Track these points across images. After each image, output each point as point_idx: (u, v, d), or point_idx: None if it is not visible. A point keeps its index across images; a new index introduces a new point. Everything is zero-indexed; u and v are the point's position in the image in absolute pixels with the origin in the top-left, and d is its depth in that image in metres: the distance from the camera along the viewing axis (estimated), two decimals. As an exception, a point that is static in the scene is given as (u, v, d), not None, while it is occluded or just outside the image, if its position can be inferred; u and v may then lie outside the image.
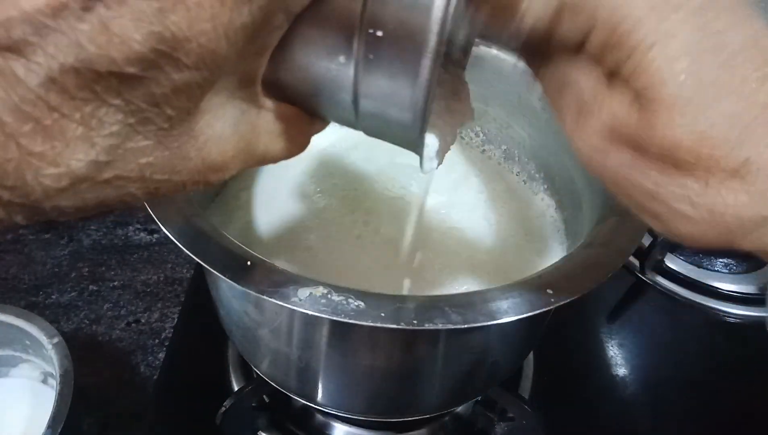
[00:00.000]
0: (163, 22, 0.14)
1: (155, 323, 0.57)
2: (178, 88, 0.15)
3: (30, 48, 0.13)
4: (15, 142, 0.14)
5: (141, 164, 0.16)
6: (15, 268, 0.62)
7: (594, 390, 0.54)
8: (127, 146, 0.16)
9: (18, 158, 0.14)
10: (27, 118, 0.14)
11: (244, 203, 0.47)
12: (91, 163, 0.15)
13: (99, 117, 0.15)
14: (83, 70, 0.14)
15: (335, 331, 0.33)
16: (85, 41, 0.14)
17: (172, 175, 0.17)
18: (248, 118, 0.19)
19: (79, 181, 0.16)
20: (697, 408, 0.54)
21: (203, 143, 0.18)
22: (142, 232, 0.66)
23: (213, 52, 0.15)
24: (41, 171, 0.15)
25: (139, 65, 0.14)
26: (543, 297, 0.29)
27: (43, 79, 0.14)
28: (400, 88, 0.19)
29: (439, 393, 0.39)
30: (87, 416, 0.49)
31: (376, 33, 0.17)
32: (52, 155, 0.15)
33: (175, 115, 0.16)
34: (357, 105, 0.20)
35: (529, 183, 0.51)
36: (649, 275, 0.63)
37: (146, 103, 0.15)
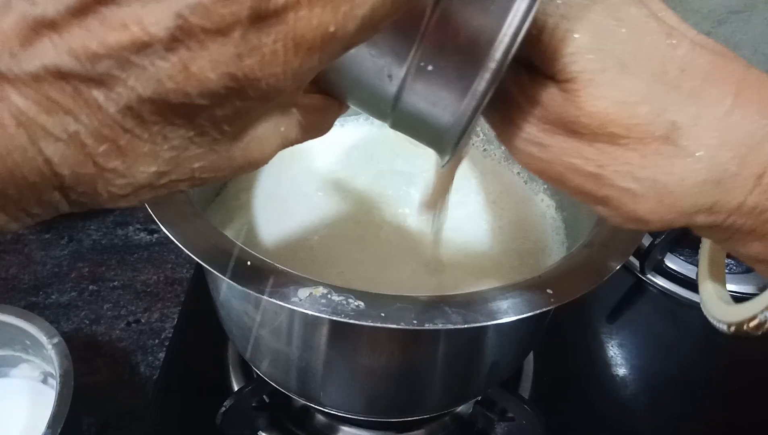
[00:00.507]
0: (239, 65, 0.15)
1: (155, 323, 0.57)
2: (240, 112, 0.17)
3: (112, 80, 0.14)
4: (92, 160, 0.16)
5: (193, 168, 0.18)
6: (15, 268, 0.62)
7: (594, 390, 0.54)
8: (184, 156, 0.17)
9: (94, 173, 0.16)
10: (104, 139, 0.15)
11: (244, 203, 0.47)
12: (153, 174, 0.17)
13: (164, 134, 0.16)
14: (158, 100, 0.15)
15: (335, 331, 0.33)
16: (164, 78, 0.15)
17: (218, 172, 0.19)
18: (288, 117, 0.20)
19: (141, 187, 0.17)
20: (697, 408, 0.54)
21: (247, 144, 0.19)
22: (142, 232, 0.66)
23: (278, 90, 0.16)
24: (111, 182, 0.16)
25: (209, 99, 0.16)
26: (543, 297, 0.29)
27: (121, 108, 0.15)
28: (451, 101, 0.19)
29: (439, 393, 0.39)
30: (87, 416, 0.49)
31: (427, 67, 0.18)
32: (122, 169, 0.16)
33: (231, 130, 0.18)
34: (398, 102, 0.20)
35: (530, 183, 0.51)
36: (649, 275, 0.63)
37: (208, 122, 0.17)
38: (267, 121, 0.19)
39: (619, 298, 0.62)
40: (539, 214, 0.49)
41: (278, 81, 0.16)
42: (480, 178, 0.52)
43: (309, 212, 0.47)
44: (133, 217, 0.67)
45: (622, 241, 0.32)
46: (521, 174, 0.52)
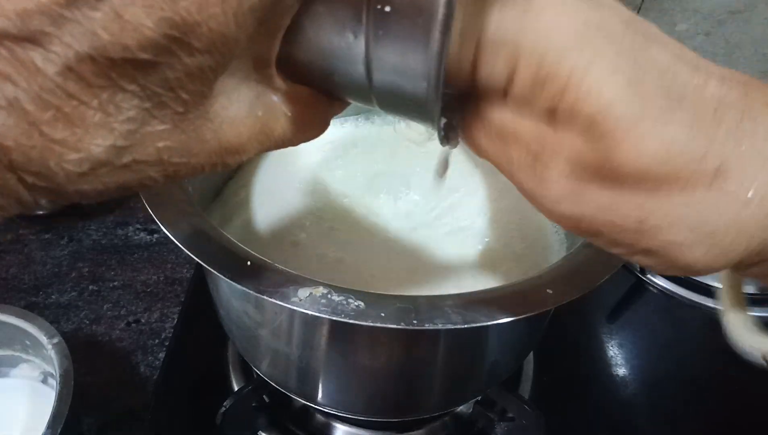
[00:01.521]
0: (174, 8, 0.14)
1: (155, 323, 0.57)
2: (191, 72, 0.16)
3: (47, 38, 0.14)
4: (38, 129, 0.15)
5: (159, 148, 0.17)
6: (15, 268, 0.62)
7: (594, 390, 0.54)
8: (144, 131, 0.16)
9: (41, 145, 0.15)
10: (47, 106, 0.15)
11: (244, 201, 0.47)
12: (110, 148, 0.16)
13: (116, 103, 0.15)
14: (98, 57, 0.14)
15: (335, 331, 0.33)
16: (98, 29, 0.14)
17: (190, 157, 0.18)
18: (264, 100, 0.20)
19: (99, 165, 0.16)
20: (697, 408, 0.54)
21: (219, 125, 0.18)
22: (142, 232, 0.66)
23: (223, 35, 0.16)
24: (63, 156, 0.15)
25: (152, 51, 0.15)
26: (543, 297, 0.29)
27: (60, 68, 0.14)
28: (412, 60, 0.18)
29: (439, 393, 0.39)
30: (87, 416, 0.49)
31: (384, 8, 0.17)
32: (73, 141, 0.15)
33: (190, 99, 0.17)
34: (371, 80, 0.19)
35: (529, 183, 0.51)
36: (649, 275, 0.63)
37: (161, 88, 0.16)
38: (237, 100, 0.18)
39: (619, 298, 0.62)
40: (539, 214, 0.49)
41: (219, 23, 0.15)
42: (480, 177, 0.52)
43: (308, 210, 0.47)
44: (133, 217, 0.67)
45: (622, 241, 0.32)
46: (521, 174, 0.52)
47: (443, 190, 0.50)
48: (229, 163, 0.19)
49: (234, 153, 0.19)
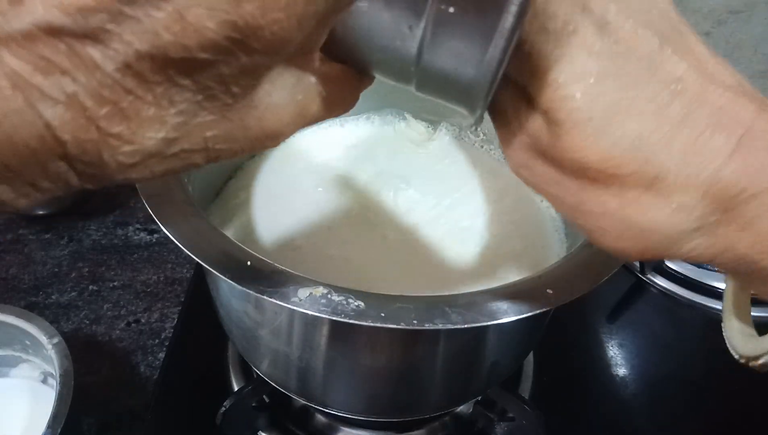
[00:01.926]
0: (238, 11, 0.14)
1: (155, 323, 0.57)
2: (246, 69, 0.16)
3: (107, 35, 0.14)
4: (95, 124, 0.15)
5: (206, 137, 0.17)
6: (15, 268, 0.62)
7: (594, 390, 0.54)
8: (194, 122, 0.17)
9: (97, 139, 0.15)
10: (105, 101, 0.15)
11: (244, 201, 0.47)
12: (161, 140, 0.16)
13: (170, 97, 0.16)
14: (158, 56, 0.14)
15: (335, 331, 0.33)
16: (160, 29, 0.14)
17: (233, 143, 0.18)
18: (303, 84, 0.20)
19: (150, 156, 0.16)
20: (697, 408, 0.54)
21: (262, 112, 0.18)
22: (142, 232, 0.66)
23: (283, 39, 0.16)
24: (117, 149, 0.16)
25: (211, 52, 0.15)
26: (543, 297, 0.29)
27: (119, 65, 0.14)
28: (476, 45, 0.17)
29: (439, 393, 0.39)
30: (87, 416, 0.49)
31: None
32: (127, 135, 0.16)
33: (240, 92, 0.17)
34: (420, 59, 0.19)
35: (529, 183, 0.51)
36: (649, 275, 0.63)
37: (214, 82, 0.16)
38: (281, 86, 0.19)
39: (619, 298, 0.62)
40: (539, 213, 0.49)
41: (282, 28, 0.15)
42: (480, 177, 0.52)
43: (309, 210, 0.47)
44: (133, 217, 0.67)
45: (622, 241, 0.32)
46: (521, 174, 0.52)
47: (443, 192, 0.50)
48: (267, 146, 0.20)
49: (274, 137, 0.20)
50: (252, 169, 0.51)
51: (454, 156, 0.53)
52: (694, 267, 0.63)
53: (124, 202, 0.69)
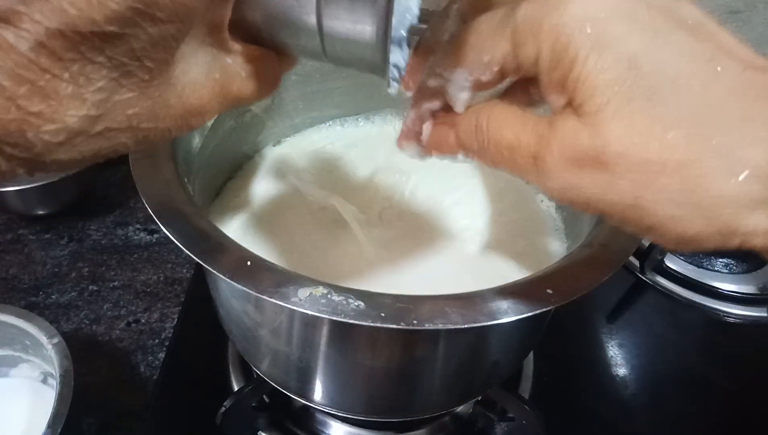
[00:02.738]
0: None
1: (155, 323, 0.57)
2: (155, 41, 0.17)
3: (17, 16, 0.15)
4: (15, 103, 0.16)
5: (128, 115, 0.18)
6: (15, 268, 0.62)
7: (594, 390, 0.54)
8: (114, 99, 0.17)
9: (19, 119, 0.16)
10: (23, 81, 0.15)
11: (244, 202, 0.47)
12: (84, 118, 0.17)
13: (86, 74, 0.16)
14: (68, 32, 0.15)
15: (335, 331, 0.33)
16: (66, 5, 0.15)
17: (157, 122, 0.19)
18: (219, 62, 0.21)
19: (74, 134, 0.17)
20: (697, 408, 0.54)
21: (181, 90, 0.19)
22: (142, 232, 0.66)
23: (184, 5, 0.17)
24: (40, 128, 0.16)
25: (118, 23, 0.16)
26: (543, 297, 0.28)
27: (32, 44, 0.15)
28: (362, 6, 0.19)
29: (439, 393, 0.39)
30: (87, 416, 0.49)
31: None
32: (48, 113, 0.16)
33: (154, 67, 0.18)
34: (321, 29, 0.21)
35: (530, 183, 0.51)
36: (649, 275, 0.63)
37: (128, 58, 0.17)
38: (195, 64, 0.20)
39: (619, 298, 0.62)
40: (539, 214, 0.49)
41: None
42: (480, 177, 0.52)
43: (309, 210, 0.47)
44: (133, 217, 0.67)
45: (622, 241, 0.32)
46: (521, 174, 0.52)
47: (444, 192, 0.50)
48: (193, 124, 0.21)
49: (197, 114, 0.21)
50: (252, 169, 0.51)
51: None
52: (694, 267, 0.63)
53: (124, 202, 0.69)
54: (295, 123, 0.54)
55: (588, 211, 0.21)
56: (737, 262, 0.63)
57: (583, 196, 0.20)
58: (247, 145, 0.51)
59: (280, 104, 0.51)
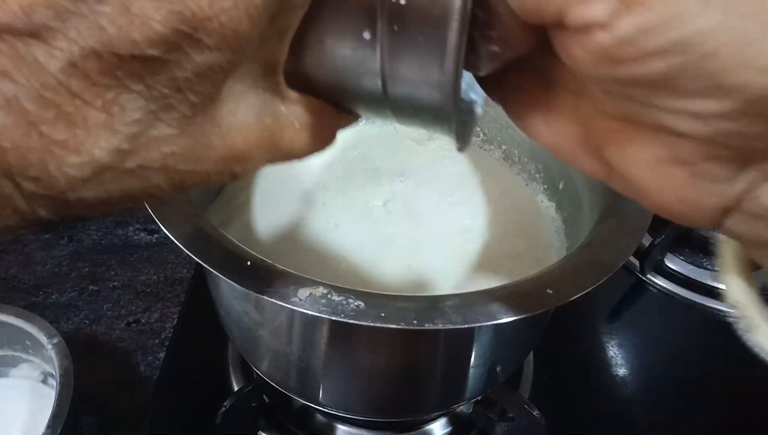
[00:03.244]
0: (184, 2, 0.14)
1: (155, 323, 0.57)
2: (201, 71, 0.15)
3: (51, 33, 0.13)
4: (37, 130, 0.14)
5: (164, 153, 0.16)
6: (15, 268, 0.62)
7: (594, 390, 0.54)
8: (149, 134, 0.15)
9: (41, 148, 0.14)
10: (49, 105, 0.14)
11: (244, 202, 0.47)
12: (113, 152, 0.15)
13: (121, 103, 0.15)
14: (104, 54, 0.14)
15: (335, 331, 0.33)
16: (105, 23, 0.13)
17: (196, 164, 0.17)
18: (272, 108, 0.19)
19: (102, 170, 0.15)
20: (697, 408, 0.54)
21: (226, 131, 0.17)
22: (142, 232, 0.66)
23: (235, 31, 0.15)
24: (64, 160, 0.15)
25: (160, 47, 0.14)
26: (543, 297, 0.29)
27: (64, 64, 0.14)
28: (429, 59, 0.18)
29: (438, 393, 0.39)
30: (87, 416, 0.49)
31: (400, 1, 0.17)
32: (74, 144, 0.14)
33: (198, 102, 0.16)
34: (386, 86, 0.19)
35: (530, 183, 0.51)
36: (649, 275, 0.63)
37: (169, 89, 0.15)
38: (246, 106, 0.18)
39: (619, 298, 0.62)
40: (539, 214, 0.49)
41: (231, 19, 0.15)
42: (480, 178, 0.52)
43: (308, 210, 0.47)
44: (133, 217, 0.67)
45: (622, 241, 0.32)
46: (521, 174, 0.52)
47: (443, 192, 0.50)
48: (236, 172, 0.19)
49: (241, 161, 0.18)
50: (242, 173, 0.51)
51: (454, 156, 0.53)
52: (694, 267, 0.63)
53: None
54: (295, 123, 0.54)
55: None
56: (737, 262, 0.63)
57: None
58: (247, 145, 0.51)
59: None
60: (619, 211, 0.35)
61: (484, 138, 0.54)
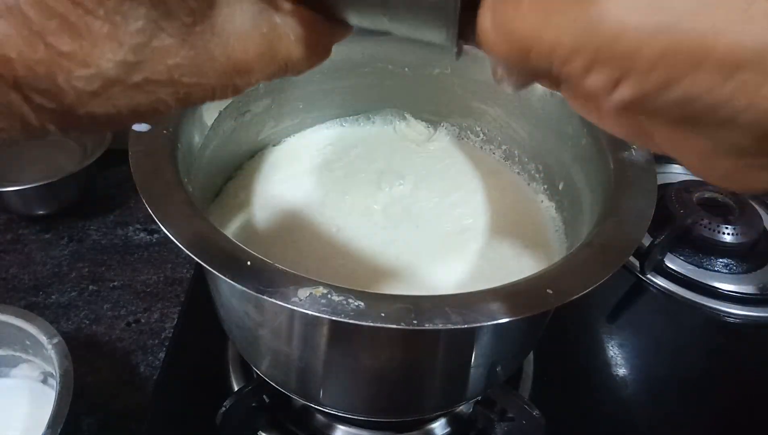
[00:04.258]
0: None
1: (155, 323, 0.57)
2: None
3: None
4: (42, 40, 0.14)
5: (169, 66, 0.16)
6: (15, 268, 0.62)
7: (594, 390, 0.54)
8: (153, 45, 0.16)
9: (48, 59, 0.14)
10: (51, 13, 0.14)
11: (244, 202, 0.47)
12: (120, 64, 0.15)
13: (123, 12, 0.15)
14: None
15: (335, 331, 0.33)
16: None
17: (201, 77, 0.17)
18: (267, 16, 0.19)
19: (110, 83, 0.15)
20: (697, 408, 0.54)
21: (225, 40, 0.18)
22: (142, 232, 0.66)
23: None
24: (73, 72, 0.15)
25: None
26: (543, 297, 0.28)
27: None
28: None
29: (438, 393, 0.39)
30: (87, 416, 0.49)
31: None
32: (81, 55, 0.14)
33: (197, 7, 0.16)
34: None
35: (530, 183, 0.51)
36: (649, 275, 0.63)
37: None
38: (241, 11, 0.18)
39: (619, 299, 0.62)
40: (539, 214, 0.49)
41: None
42: (481, 177, 0.52)
43: (308, 210, 0.47)
44: (133, 217, 0.67)
45: (622, 241, 0.32)
46: (522, 174, 0.52)
47: (443, 192, 0.50)
48: (238, 85, 0.19)
49: (243, 72, 0.19)
50: (251, 169, 0.51)
51: (454, 156, 0.53)
52: (694, 267, 0.63)
53: (124, 202, 0.69)
54: (295, 123, 0.54)
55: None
56: (737, 263, 0.63)
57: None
58: (248, 145, 0.51)
59: (280, 104, 0.51)
60: (619, 211, 0.35)
61: (484, 138, 0.54)
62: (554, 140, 0.47)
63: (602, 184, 0.38)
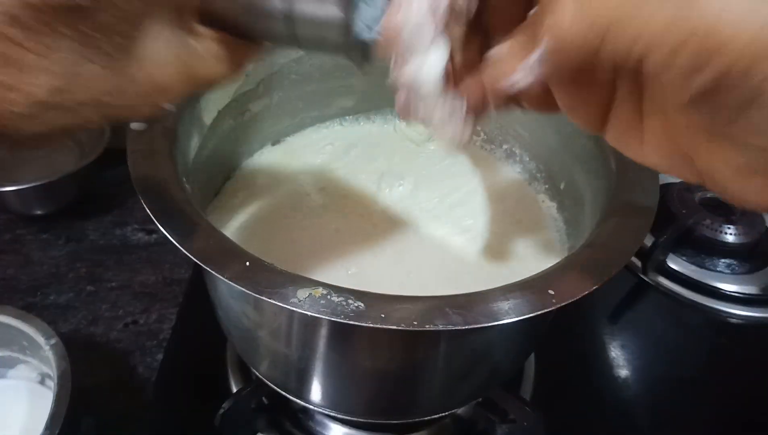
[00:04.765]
0: None
1: (153, 324, 0.57)
2: (123, 15, 0.18)
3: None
4: None
5: (95, 90, 0.19)
6: (13, 269, 0.61)
7: (596, 391, 0.54)
8: (80, 71, 0.18)
9: None
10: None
11: (243, 202, 0.47)
12: (49, 89, 0.17)
13: (54, 46, 0.17)
14: (40, 5, 0.16)
15: (335, 332, 0.33)
16: None
17: (124, 98, 0.20)
18: (185, 43, 0.22)
19: (41, 106, 0.18)
20: (699, 409, 0.54)
21: (147, 65, 0.20)
22: (140, 233, 0.66)
23: None
24: (6, 98, 0.17)
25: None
26: (544, 298, 0.28)
27: (4, 16, 0.16)
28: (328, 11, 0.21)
29: (439, 394, 0.39)
30: (85, 417, 0.49)
31: None
32: (11, 82, 0.17)
33: (121, 41, 0.19)
34: (289, 24, 0.22)
35: (531, 183, 0.51)
36: (651, 276, 0.63)
37: (96, 31, 0.17)
38: (162, 42, 0.20)
39: (620, 299, 0.62)
40: (540, 214, 0.49)
41: None
42: (481, 177, 0.52)
43: (308, 210, 0.47)
44: (132, 217, 0.67)
45: (624, 242, 0.32)
46: (523, 174, 0.52)
47: (444, 192, 0.50)
48: (158, 102, 0.21)
49: (162, 91, 0.21)
50: (251, 169, 0.50)
51: (454, 156, 0.53)
52: (696, 267, 0.63)
53: (122, 202, 0.69)
54: (294, 122, 0.53)
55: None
56: (740, 263, 0.63)
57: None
58: (247, 144, 0.51)
59: (279, 104, 0.50)
60: (621, 211, 0.34)
61: (485, 137, 0.54)
62: (556, 140, 0.47)
63: (604, 184, 0.38)
